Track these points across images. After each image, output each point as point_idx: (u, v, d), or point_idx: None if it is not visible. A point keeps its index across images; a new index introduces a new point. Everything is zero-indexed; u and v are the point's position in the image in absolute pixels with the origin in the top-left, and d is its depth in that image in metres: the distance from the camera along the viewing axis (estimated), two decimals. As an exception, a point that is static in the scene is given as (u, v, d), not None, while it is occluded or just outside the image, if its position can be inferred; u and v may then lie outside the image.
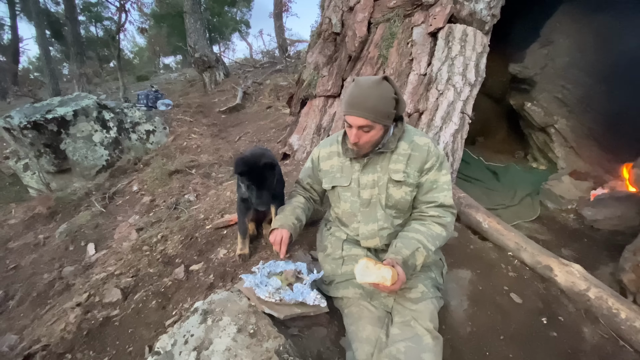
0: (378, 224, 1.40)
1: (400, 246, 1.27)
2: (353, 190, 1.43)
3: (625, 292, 1.75)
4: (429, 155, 1.35)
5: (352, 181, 1.43)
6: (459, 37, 2.60)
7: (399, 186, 1.37)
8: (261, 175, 1.55)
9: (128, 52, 20.36)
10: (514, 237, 1.97)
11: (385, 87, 1.25)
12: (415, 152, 1.36)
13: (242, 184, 1.62)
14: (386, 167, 1.38)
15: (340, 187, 1.47)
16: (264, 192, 1.57)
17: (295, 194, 1.71)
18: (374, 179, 1.39)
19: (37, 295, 2.20)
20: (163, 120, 4.95)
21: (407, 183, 1.36)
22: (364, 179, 1.41)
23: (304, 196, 1.68)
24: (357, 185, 1.42)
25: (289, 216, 1.55)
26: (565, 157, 3.80)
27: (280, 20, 11.32)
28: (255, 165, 1.52)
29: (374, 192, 1.40)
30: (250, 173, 1.53)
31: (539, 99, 3.91)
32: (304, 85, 3.27)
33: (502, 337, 1.44)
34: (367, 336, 1.21)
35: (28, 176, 4.09)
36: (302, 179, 1.69)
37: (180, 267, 1.89)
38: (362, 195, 1.41)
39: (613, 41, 3.44)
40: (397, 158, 1.37)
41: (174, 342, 1.12)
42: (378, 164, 1.39)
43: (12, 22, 13.42)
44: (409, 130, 1.42)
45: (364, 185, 1.41)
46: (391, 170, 1.37)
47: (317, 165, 1.58)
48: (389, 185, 1.37)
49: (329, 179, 1.51)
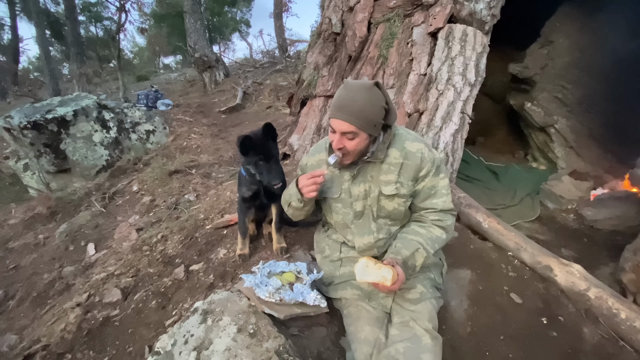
0: (373, 235, 1.35)
1: (400, 246, 1.26)
2: (345, 202, 1.37)
3: (625, 292, 1.75)
4: (423, 162, 1.27)
5: (343, 192, 1.36)
6: (459, 37, 2.60)
7: (391, 199, 1.31)
8: (267, 146, 1.53)
9: (128, 52, 20.38)
10: (514, 237, 1.96)
11: (375, 94, 1.16)
12: (407, 161, 1.27)
13: (250, 165, 1.59)
14: (377, 178, 1.30)
15: (331, 198, 1.40)
16: (273, 165, 1.55)
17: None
18: (365, 189, 1.33)
19: (37, 295, 2.20)
20: (163, 120, 4.95)
21: (400, 195, 1.29)
22: (355, 190, 1.33)
23: None
24: (348, 197, 1.35)
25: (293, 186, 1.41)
26: (565, 157, 3.80)
27: (280, 20, 11.32)
28: (259, 138, 1.51)
29: (366, 203, 1.34)
30: (256, 147, 1.50)
31: (539, 99, 3.91)
32: (304, 85, 3.27)
33: (502, 337, 1.44)
34: (365, 337, 1.21)
35: (28, 176, 4.09)
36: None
37: (180, 267, 1.89)
38: (354, 207, 1.35)
39: (613, 41, 3.44)
40: (388, 168, 1.28)
41: (174, 342, 1.12)
42: (368, 173, 1.31)
43: (12, 22, 13.43)
44: (399, 135, 1.32)
45: (356, 196, 1.33)
46: (382, 182, 1.29)
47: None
48: (380, 198, 1.31)
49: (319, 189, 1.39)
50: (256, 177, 1.62)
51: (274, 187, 1.59)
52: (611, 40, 3.45)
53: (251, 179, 1.67)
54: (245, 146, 1.48)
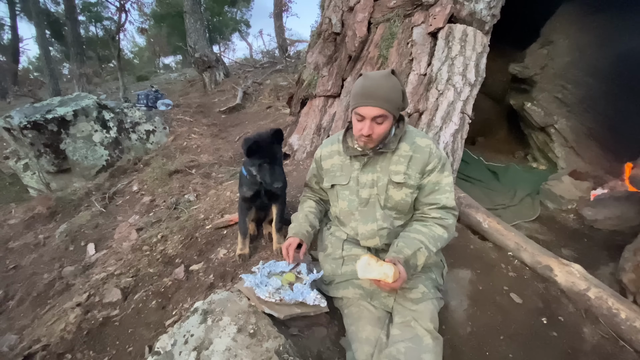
0: (377, 223, 1.39)
1: (402, 245, 1.27)
2: (352, 189, 1.43)
3: (625, 292, 1.75)
4: (430, 157, 1.34)
5: (351, 179, 1.43)
6: (459, 37, 2.60)
7: (399, 188, 1.36)
8: (272, 150, 1.54)
9: (128, 52, 20.39)
10: (514, 237, 1.96)
11: (394, 80, 1.27)
12: (416, 154, 1.35)
13: (253, 166, 1.60)
14: (386, 168, 1.37)
15: (338, 185, 1.47)
16: (277, 167, 1.57)
17: (305, 198, 1.71)
18: (373, 178, 1.39)
19: (37, 295, 2.20)
20: (163, 120, 4.95)
21: (408, 185, 1.35)
22: (363, 178, 1.41)
23: (313, 199, 1.68)
24: (355, 184, 1.42)
25: (303, 224, 1.53)
26: (565, 157, 3.80)
27: (280, 20, 11.32)
28: (265, 141, 1.52)
29: (372, 192, 1.40)
30: (261, 150, 1.51)
31: (539, 99, 3.91)
32: (304, 85, 3.27)
33: (502, 337, 1.44)
34: (366, 336, 1.21)
35: (28, 176, 4.09)
36: (309, 180, 1.69)
37: (180, 267, 1.89)
38: (360, 194, 1.41)
39: (613, 41, 3.44)
40: (398, 159, 1.36)
41: (174, 342, 1.12)
42: (378, 164, 1.39)
43: (12, 22, 13.42)
44: (410, 131, 1.41)
45: (363, 184, 1.41)
46: (392, 172, 1.36)
47: (320, 165, 1.58)
48: (389, 187, 1.37)
49: (329, 177, 1.52)
50: (257, 178, 1.62)
51: (275, 189, 1.61)
52: (611, 40, 3.46)
53: (252, 179, 1.68)
54: (251, 149, 1.49)
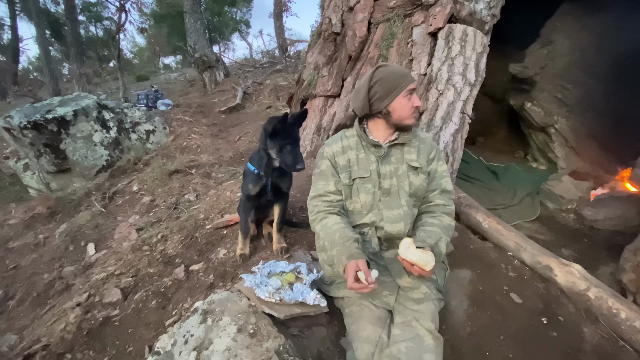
0: (403, 209, 1.42)
1: (424, 236, 1.31)
2: (374, 181, 1.44)
3: (625, 292, 1.75)
4: (431, 147, 1.50)
5: (372, 172, 1.45)
6: (459, 37, 2.60)
7: (417, 173, 1.44)
8: (294, 131, 1.56)
9: (128, 52, 20.41)
10: (514, 237, 1.96)
11: None
12: (422, 145, 1.49)
13: (273, 149, 1.59)
14: (401, 158, 1.45)
15: (359, 178, 1.45)
16: (299, 149, 1.58)
17: (323, 214, 1.42)
18: (391, 169, 1.44)
19: (37, 295, 2.20)
20: (163, 120, 4.95)
21: (423, 171, 1.45)
22: (384, 169, 1.45)
23: (334, 212, 1.43)
24: (377, 176, 1.44)
25: (347, 243, 1.25)
26: (565, 157, 3.80)
27: (280, 20, 11.32)
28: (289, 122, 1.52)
29: (393, 182, 1.44)
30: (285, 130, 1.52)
31: (539, 99, 3.91)
32: (304, 85, 3.27)
33: (502, 337, 1.44)
34: (367, 336, 1.21)
35: (28, 176, 4.09)
36: (324, 186, 1.47)
37: (180, 267, 1.89)
38: (383, 185, 1.44)
39: (613, 41, 3.44)
40: (409, 150, 1.47)
41: (174, 342, 1.12)
42: (393, 156, 1.45)
43: (12, 22, 13.44)
44: (414, 128, 1.53)
45: (384, 175, 1.44)
46: (407, 159, 1.44)
47: (335, 162, 1.49)
48: (409, 173, 1.43)
49: (347, 173, 1.45)
50: (274, 162, 1.62)
51: (297, 170, 1.61)
52: (611, 40, 3.45)
53: (270, 163, 1.67)
54: (276, 129, 1.49)
